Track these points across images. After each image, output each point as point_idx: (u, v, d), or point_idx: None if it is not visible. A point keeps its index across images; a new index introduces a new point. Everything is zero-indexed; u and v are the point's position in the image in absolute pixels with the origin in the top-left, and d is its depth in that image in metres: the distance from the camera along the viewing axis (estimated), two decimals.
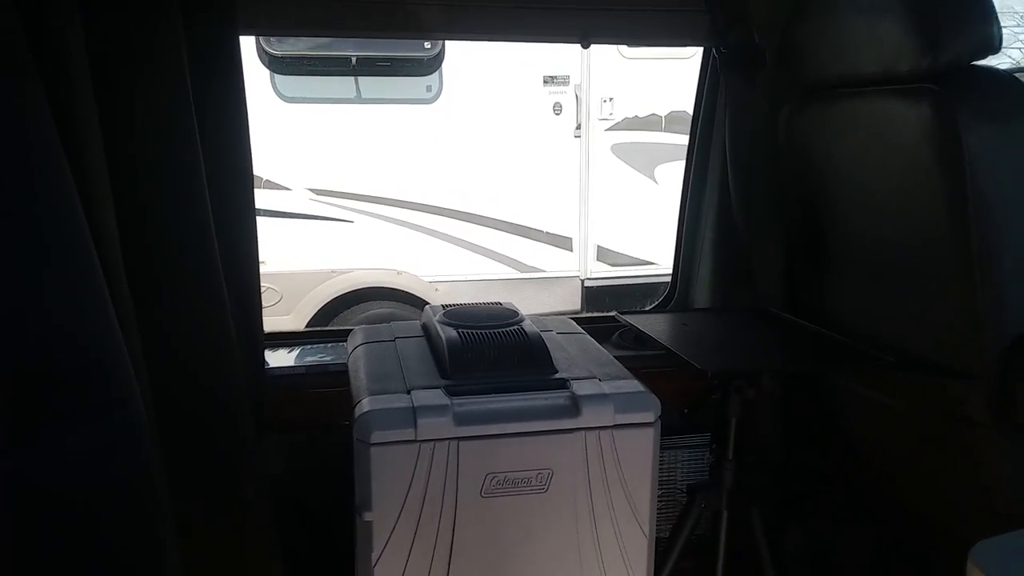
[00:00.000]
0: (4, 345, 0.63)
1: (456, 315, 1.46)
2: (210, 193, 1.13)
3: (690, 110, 2.13)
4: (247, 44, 3.62)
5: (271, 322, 1.50)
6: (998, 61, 1.41)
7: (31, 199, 0.65)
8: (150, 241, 0.99)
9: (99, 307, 0.67)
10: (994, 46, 1.36)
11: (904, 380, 1.52)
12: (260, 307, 1.36)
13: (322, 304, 3.99)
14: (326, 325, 3.97)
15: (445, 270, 4.16)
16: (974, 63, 1.37)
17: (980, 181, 1.31)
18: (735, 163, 1.87)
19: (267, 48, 3.81)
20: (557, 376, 1.32)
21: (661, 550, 1.53)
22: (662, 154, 4.32)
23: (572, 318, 1.75)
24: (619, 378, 1.34)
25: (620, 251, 4.38)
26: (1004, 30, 1.39)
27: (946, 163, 1.34)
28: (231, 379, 1.12)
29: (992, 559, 0.90)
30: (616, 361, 1.43)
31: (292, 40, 3.79)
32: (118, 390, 0.66)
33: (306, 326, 3.94)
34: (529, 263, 4.27)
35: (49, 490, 0.64)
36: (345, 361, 1.55)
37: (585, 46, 1.82)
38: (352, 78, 3.96)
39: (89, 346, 0.65)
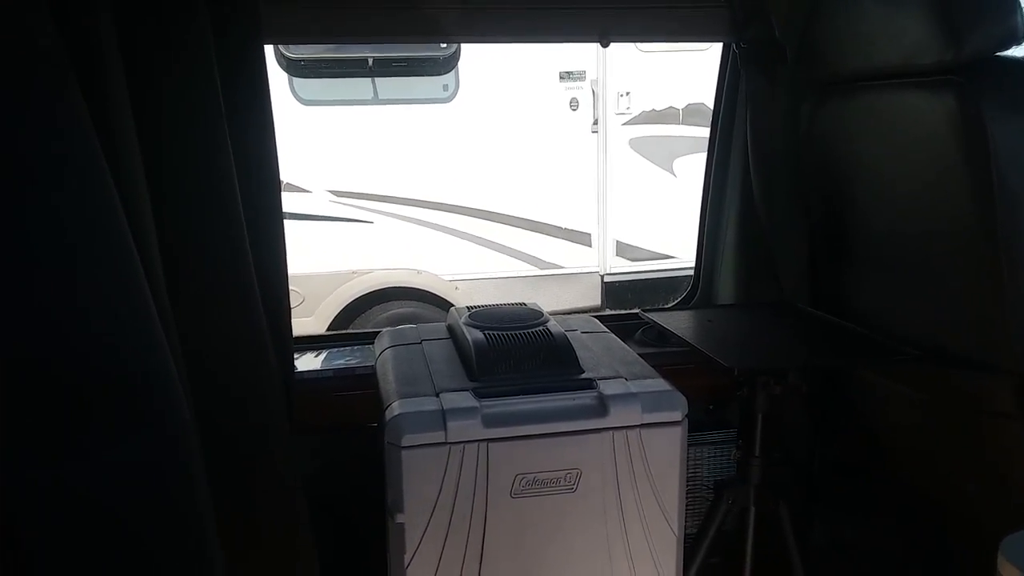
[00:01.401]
0: (48, 353, 0.64)
1: (481, 316, 1.47)
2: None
3: (707, 102, 2.13)
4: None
5: (294, 324, 1.52)
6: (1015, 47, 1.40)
7: (74, 206, 0.66)
8: (185, 247, 1.00)
9: (144, 315, 0.68)
10: (1018, 37, 1.35)
11: (929, 374, 1.51)
12: (289, 311, 1.38)
13: (343, 305, 4.02)
14: (348, 326, 4.00)
15: (465, 268, 4.17)
16: (997, 54, 1.36)
17: (1006, 173, 1.30)
18: (756, 158, 1.87)
19: (284, 51, 3.84)
20: (584, 376, 1.33)
21: (688, 546, 1.53)
22: (680, 147, 4.31)
23: (595, 316, 1.75)
24: (645, 377, 1.34)
25: (639, 246, 4.37)
26: None
27: (971, 155, 1.33)
28: (266, 384, 1.14)
29: (1022, 552, 0.90)
30: (641, 360, 1.44)
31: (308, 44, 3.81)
32: (164, 399, 0.67)
33: (328, 327, 3.97)
34: (548, 260, 4.27)
35: (92, 502, 0.65)
36: (371, 364, 1.56)
37: (604, 45, 1.82)
38: (369, 79, 3.98)
39: (135, 354, 0.66)
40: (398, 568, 1.23)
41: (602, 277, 4.38)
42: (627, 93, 4.28)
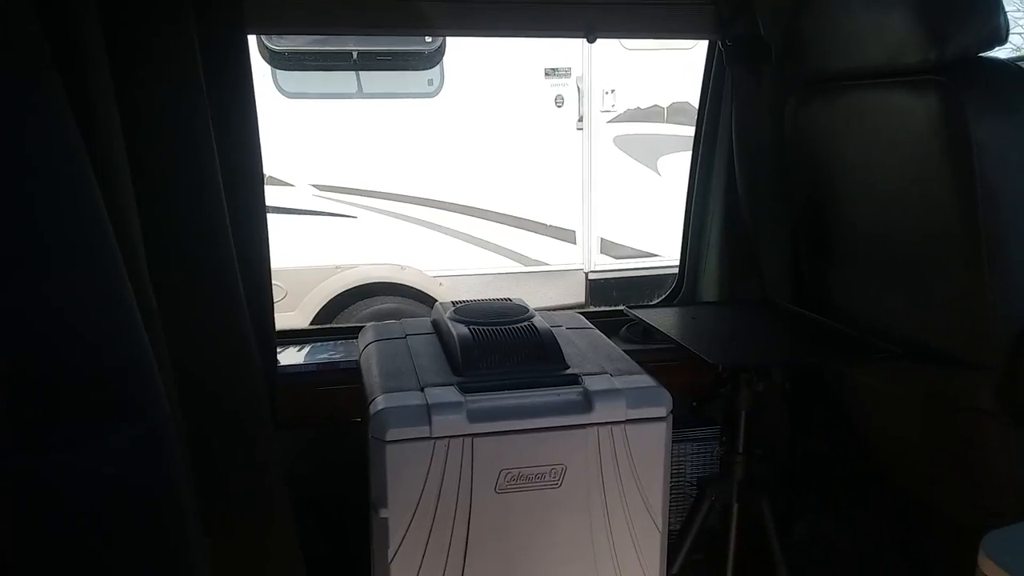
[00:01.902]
0: (29, 346, 0.63)
1: (467, 312, 1.47)
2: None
3: (692, 101, 2.13)
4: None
5: (277, 319, 1.51)
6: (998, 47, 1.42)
7: (56, 198, 0.65)
8: (167, 241, 0.99)
9: (125, 309, 0.67)
10: (1001, 37, 1.37)
11: (912, 371, 1.53)
12: (272, 305, 1.37)
13: (327, 300, 3.99)
14: (331, 321, 3.98)
15: (449, 264, 4.16)
16: (981, 54, 1.37)
17: (988, 172, 1.31)
18: (741, 156, 1.88)
19: (268, 44, 3.81)
20: (569, 372, 1.32)
21: (672, 543, 1.53)
22: (665, 145, 4.32)
23: (581, 312, 1.76)
24: (630, 373, 1.34)
25: (624, 243, 4.38)
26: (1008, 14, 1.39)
27: (954, 155, 1.34)
28: (249, 378, 1.13)
29: (1003, 549, 0.91)
30: (626, 356, 1.44)
31: (292, 35, 3.79)
32: (145, 392, 0.66)
33: (311, 322, 3.95)
34: (533, 256, 4.27)
35: (73, 493, 0.65)
36: (355, 358, 1.55)
37: (591, 41, 1.82)
38: (353, 73, 3.96)
39: (115, 347, 0.66)
40: (382, 563, 1.22)
41: (586, 274, 4.39)
42: (612, 91, 4.28)
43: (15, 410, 0.62)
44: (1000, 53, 1.52)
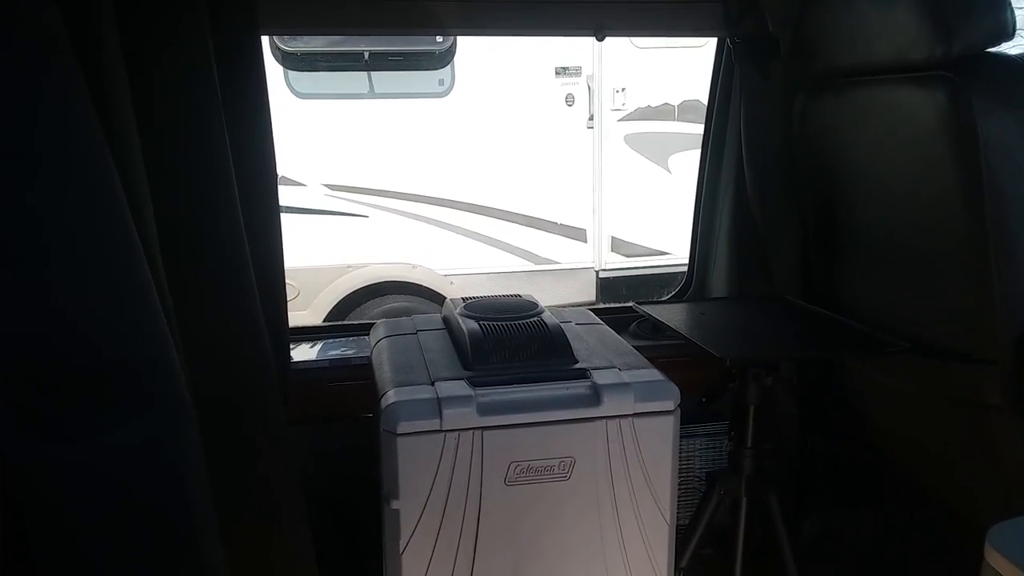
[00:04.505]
0: (57, 340, 0.65)
1: (477, 307, 1.48)
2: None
3: (703, 98, 2.14)
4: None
5: (289, 318, 1.53)
6: (1010, 43, 1.42)
7: (80, 197, 0.67)
8: (182, 239, 1.01)
9: (146, 302, 0.69)
10: (1008, 33, 1.37)
11: (919, 366, 1.53)
12: (285, 303, 1.39)
13: (339, 299, 4.01)
14: (343, 319, 4.00)
15: (460, 263, 4.17)
16: (988, 50, 1.38)
17: (995, 168, 1.32)
18: (750, 152, 1.88)
19: (280, 44, 3.84)
20: (578, 366, 1.34)
21: (680, 537, 1.54)
22: (675, 143, 4.32)
23: (590, 309, 1.77)
24: (638, 367, 1.35)
25: (634, 242, 4.39)
26: (1016, 10, 1.40)
27: (961, 150, 1.35)
28: (262, 375, 1.15)
29: (1009, 541, 0.92)
30: (635, 351, 1.45)
31: (305, 36, 3.81)
32: (166, 382, 0.68)
33: (323, 320, 3.97)
34: (544, 255, 4.28)
35: (100, 477, 0.67)
36: (367, 354, 1.57)
37: (599, 39, 1.83)
38: (365, 73, 3.98)
39: (139, 339, 0.68)
40: (393, 554, 1.24)
41: (597, 273, 4.39)
42: (623, 89, 4.29)
43: (39, 400, 0.64)
44: (1013, 50, 1.52)
